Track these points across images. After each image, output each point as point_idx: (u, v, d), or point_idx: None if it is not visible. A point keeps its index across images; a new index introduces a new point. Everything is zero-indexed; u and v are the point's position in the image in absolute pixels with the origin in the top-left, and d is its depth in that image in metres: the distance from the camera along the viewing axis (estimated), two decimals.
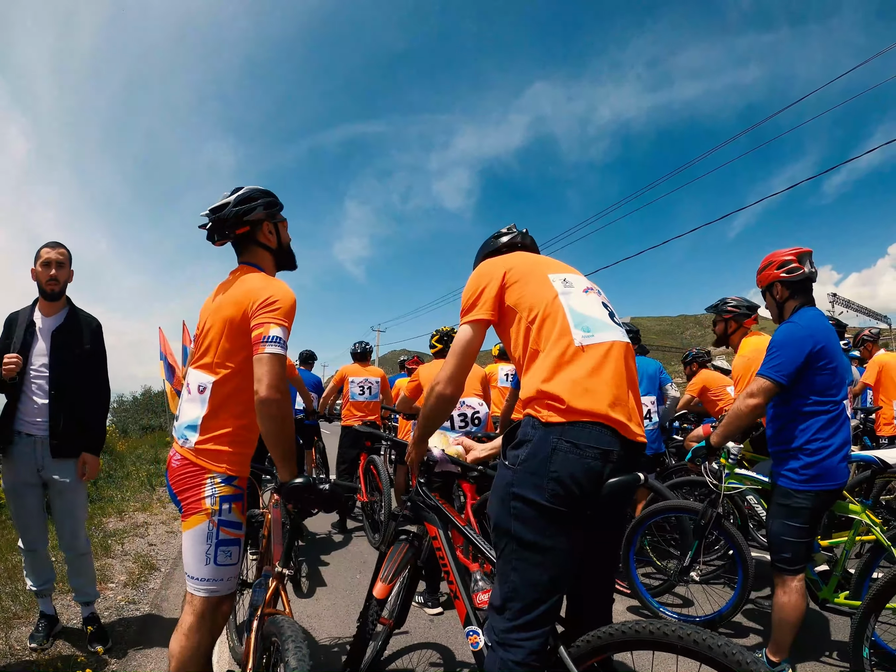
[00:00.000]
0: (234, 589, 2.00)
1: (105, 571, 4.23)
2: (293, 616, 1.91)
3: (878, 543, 2.65)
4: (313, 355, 8.31)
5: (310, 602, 3.80)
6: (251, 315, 1.90)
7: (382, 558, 2.32)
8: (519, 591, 1.53)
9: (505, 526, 1.57)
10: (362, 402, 6.20)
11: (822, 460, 2.52)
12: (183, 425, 1.99)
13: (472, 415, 4.13)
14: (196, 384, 2.01)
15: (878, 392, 5.87)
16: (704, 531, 3.15)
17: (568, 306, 1.72)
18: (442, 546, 2.12)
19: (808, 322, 2.60)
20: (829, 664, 2.88)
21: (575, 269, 1.96)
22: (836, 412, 2.56)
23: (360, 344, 6.62)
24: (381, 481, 4.94)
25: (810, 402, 2.57)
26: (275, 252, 2.21)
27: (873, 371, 5.90)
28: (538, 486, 1.51)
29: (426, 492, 2.27)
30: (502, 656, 1.53)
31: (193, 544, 1.91)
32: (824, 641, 3.13)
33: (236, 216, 2.10)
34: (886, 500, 4.81)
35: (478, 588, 2.03)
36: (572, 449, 1.51)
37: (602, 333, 1.68)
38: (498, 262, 1.92)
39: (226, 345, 1.97)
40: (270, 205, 2.17)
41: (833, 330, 2.66)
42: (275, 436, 1.81)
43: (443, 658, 2.97)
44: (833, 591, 2.77)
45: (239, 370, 1.97)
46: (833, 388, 2.57)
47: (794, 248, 2.75)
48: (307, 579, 4.23)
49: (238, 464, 1.99)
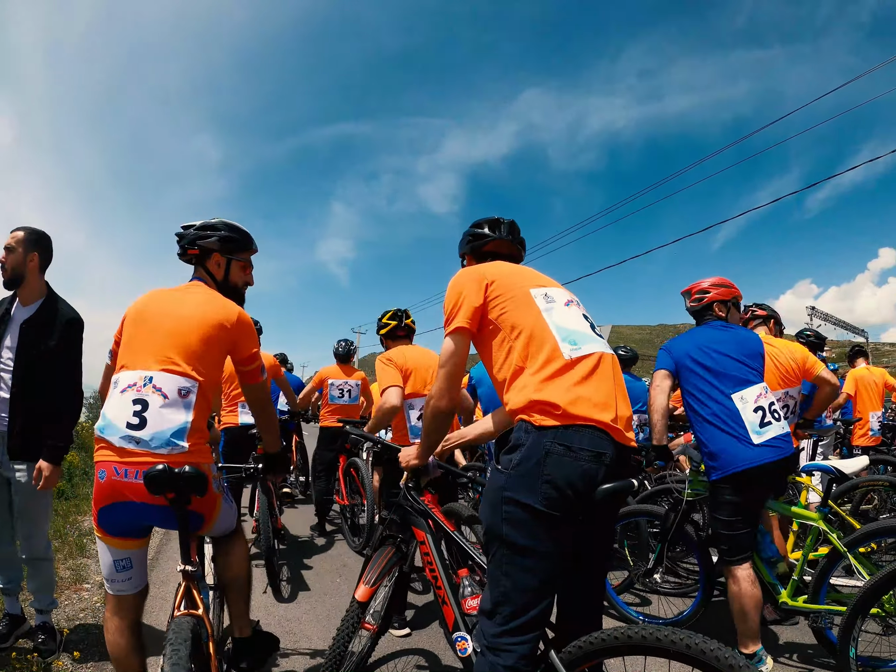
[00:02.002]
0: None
1: (80, 572, 4.18)
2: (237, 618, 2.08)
3: (834, 550, 2.77)
4: (286, 359, 8.44)
5: (290, 606, 3.79)
6: (240, 342, 2.22)
7: (368, 561, 2.30)
8: (510, 596, 1.54)
9: (497, 530, 1.57)
10: (341, 405, 6.08)
11: (715, 452, 2.85)
12: (167, 433, 1.92)
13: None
14: (174, 388, 1.98)
15: (856, 405, 6.16)
16: (667, 535, 3.28)
17: (552, 322, 1.75)
18: (430, 550, 2.12)
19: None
20: (783, 664, 2.98)
21: (554, 282, 1.99)
22: (715, 408, 2.88)
23: (343, 343, 6.42)
24: (362, 484, 4.89)
25: (697, 406, 2.97)
26: (218, 284, 2.38)
27: (851, 383, 6.21)
28: (532, 490, 1.52)
29: (414, 496, 2.27)
30: (492, 661, 1.53)
31: (225, 517, 2.17)
32: (783, 645, 3.24)
33: (192, 237, 2.33)
34: (864, 509, 4.95)
35: (466, 593, 2.03)
36: (566, 452, 1.52)
37: (588, 346, 1.72)
38: (478, 272, 1.91)
39: (207, 352, 2.10)
40: (227, 240, 2.36)
41: (718, 337, 3.03)
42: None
43: (428, 663, 2.98)
44: (792, 595, 2.92)
45: (214, 375, 2.17)
46: (708, 389, 2.92)
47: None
48: (287, 583, 4.21)
49: (210, 452, 2.14)
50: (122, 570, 2.01)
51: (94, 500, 1.96)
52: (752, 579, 2.72)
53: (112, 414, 1.95)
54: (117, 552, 2.00)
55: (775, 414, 2.88)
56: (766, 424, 2.82)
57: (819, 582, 2.81)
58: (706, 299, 3.20)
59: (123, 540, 2.00)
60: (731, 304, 3.22)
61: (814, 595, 2.81)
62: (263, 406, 2.45)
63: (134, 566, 2.03)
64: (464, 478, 2.45)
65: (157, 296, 2.26)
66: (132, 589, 2.05)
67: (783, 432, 2.86)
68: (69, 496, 6.58)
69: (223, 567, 2.29)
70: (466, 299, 1.84)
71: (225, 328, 2.15)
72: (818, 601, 2.79)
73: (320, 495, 5.84)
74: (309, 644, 3.19)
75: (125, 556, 2.01)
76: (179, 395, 1.98)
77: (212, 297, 2.26)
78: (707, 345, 3.00)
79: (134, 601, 2.07)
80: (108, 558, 2.00)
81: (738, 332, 3.13)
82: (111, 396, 2.03)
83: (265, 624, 3.35)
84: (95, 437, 1.98)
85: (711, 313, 3.19)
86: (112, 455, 1.91)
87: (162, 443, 1.91)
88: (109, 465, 1.90)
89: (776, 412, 2.89)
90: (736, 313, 3.28)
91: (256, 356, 2.31)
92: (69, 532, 5.14)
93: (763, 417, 2.82)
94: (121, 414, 1.94)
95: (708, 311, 3.20)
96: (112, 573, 2.01)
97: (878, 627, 2.62)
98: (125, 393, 1.97)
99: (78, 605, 3.58)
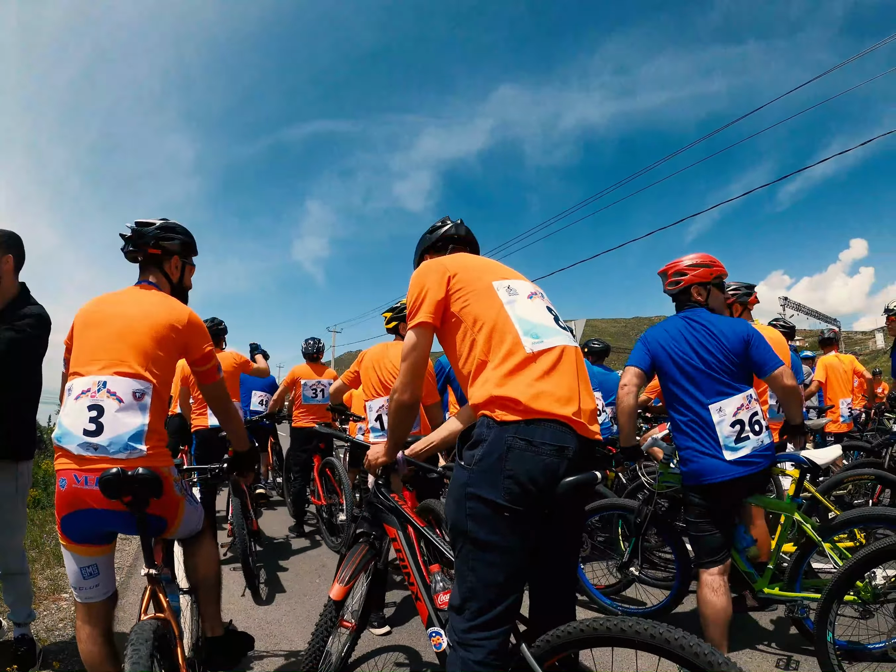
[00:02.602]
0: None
1: (58, 581, 4.13)
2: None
3: (808, 539, 2.79)
4: (257, 347, 8.21)
5: (269, 608, 3.79)
6: (192, 342, 2.24)
7: (342, 560, 2.32)
8: (477, 592, 1.55)
9: (461, 526, 1.58)
10: (315, 405, 6.05)
11: (686, 458, 2.75)
12: (124, 437, 1.93)
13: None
14: (128, 391, 1.99)
15: (826, 392, 6.30)
16: (641, 528, 3.30)
17: (514, 315, 1.73)
18: (402, 547, 2.14)
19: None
20: (763, 652, 3.02)
21: (518, 274, 1.97)
22: (690, 417, 2.75)
23: (311, 342, 6.34)
24: (338, 483, 4.91)
25: (673, 409, 2.84)
26: (173, 286, 2.43)
27: (821, 370, 6.36)
28: (494, 485, 1.52)
29: (385, 493, 2.29)
30: (463, 656, 1.54)
31: (190, 519, 2.17)
32: (759, 631, 3.29)
33: (154, 237, 2.33)
34: (838, 494, 4.97)
35: (439, 588, 2.05)
36: (527, 447, 1.52)
37: (550, 339, 1.71)
38: (440, 265, 1.89)
39: (160, 353, 2.12)
40: (187, 245, 2.43)
41: (692, 336, 2.80)
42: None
43: (409, 660, 3.00)
44: (768, 582, 2.91)
45: (167, 379, 2.17)
46: (684, 395, 2.76)
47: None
48: (265, 585, 4.21)
49: (170, 455, 2.14)
50: (88, 576, 2.01)
51: (56, 508, 1.96)
52: (713, 587, 2.60)
53: (68, 422, 1.95)
54: (83, 559, 2.00)
55: (756, 426, 2.69)
56: (742, 439, 2.65)
57: (794, 570, 2.82)
58: (683, 282, 2.91)
59: (88, 547, 2.00)
60: (713, 285, 2.93)
61: (789, 583, 2.82)
62: (223, 404, 2.45)
63: (101, 573, 2.04)
64: (434, 473, 2.51)
65: (105, 300, 2.26)
66: (100, 596, 2.05)
67: (762, 445, 2.68)
68: (45, 505, 6.51)
69: (192, 568, 2.30)
70: (429, 293, 1.82)
71: (176, 329, 2.17)
72: (794, 589, 2.80)
73: (296, 496, 5.85)
74: (290, 645, 3.19)
75: (91, 562, 2.02)
76: (134, 398, 1.99)
77: (161, 299, 2.27)
78: (684, 343, 2.78)
79: (103, 608, 2.07)
80: (74, 566, 2.00)
81: (719, 323, 2.81)
82: (66, 404, 2.03)
83: (245, 627, 3.37)
84: (54, 445, 1.98)
85: (689, 298, 2.92)
86: (71, 463, 1.91)
87: (120, 447, 1.92)
88: (69, 472, 1.90)
89: (757, 423, 2.70)
90: (718, 295, 2.98)
91: (211, 355, 2.31)
92: (46, 541, 5.09)
93: (741, 432, 2.65)
94: (76, 421, 1.93)
95: (685, 295, 2.93)
96: (79, 580, 2.01)
97: (855, 613, 2.63)
98: (80, 399, 1.96)
99: (56, 615, 3.54)
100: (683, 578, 3.27)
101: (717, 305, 2.97)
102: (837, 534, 2.87)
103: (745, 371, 2.80)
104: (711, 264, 2.92)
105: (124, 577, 4.41)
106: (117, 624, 3.46)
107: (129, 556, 5.00)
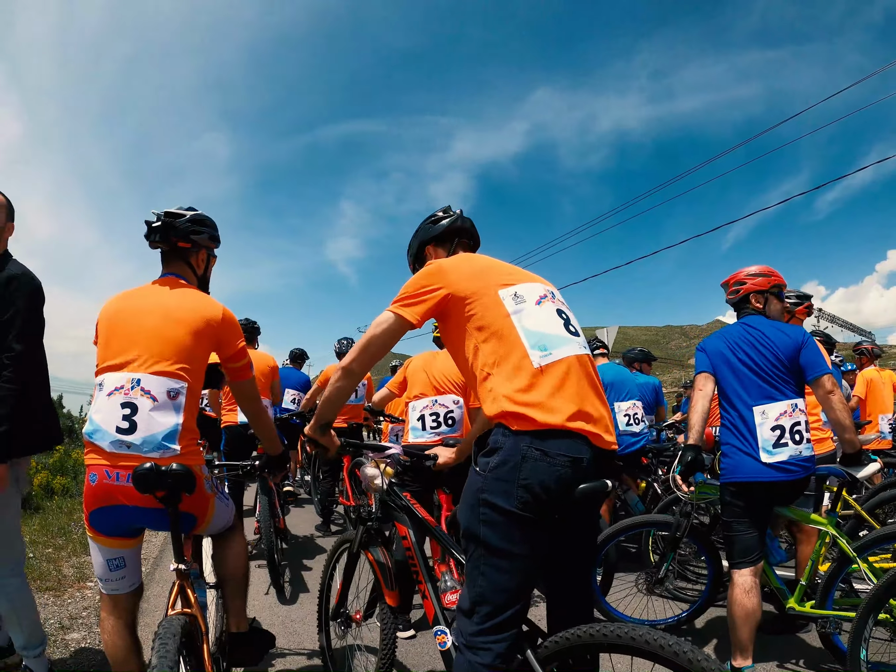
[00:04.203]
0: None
1: (84, 570, 4.20)
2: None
3: (843, 555, 2.73)
4: (304, 354, 8.12)
5: (293, 608, 3.78)
6: (225, 338, 2.20)
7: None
8: (487, 596, 1.56)
9: (474, 531, 1.59)
10: (347, 404, 5.95)
11: (727, 453, 2.83)
12: (158, 436, 1.93)
13: (446, 414, 3.66)
14: (163, 390, 1.97)
15: (866, 407, 6.03)
16: (678, 543, 3.23)
17: (521, 327, 1.69)
18: (411, 546, 2.15)
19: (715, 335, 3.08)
20: (788, 669, 2.94)
21: (525, 274, 1.89)
22: (735, 416, 2.83)
23: (344, 342, 6.35)
24: None
25: (722, 409, 2.94)
26: (198, 279, 2.38)
27: (862, 386, 6.09)
28: (507, 493, 1.53)
29: (397, 492, 2.29)
30: (470, 659, 1.55)
31: (220, 516, 2.17)
32: (789, 647, 3.18)
33: (185, 230, 2.25)
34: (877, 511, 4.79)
35: (446, 588, 2.10)
36: (542, 457, 1.53)
37: (559, 350, 1.67)
38: (450, 269, 1.82)
39: (195, 350, 2.09)
40: (214, 238, 2.38)
41: (746, 340, 2.89)
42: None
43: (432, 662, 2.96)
44: (799, 600, 2.87)
45: (200, 375, 2.14)
46: (733, 396, 2.85)
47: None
48: (290, 584, 4.21)
49: (202, 453, 2.15)
50: (115, 569, 2.00)
51: (84, 502, 1.96)
52: (746, 588, 2.64)
53: (100, 418, 1.93)
54: (110, 551, 2.00)
55: (797, 436, 2.72)
56: (781, 445, 2.69)
57: (827, 587, 2.77)
58: (742, 290, 3.05)
59: (116, 539, 2.00)
60: (770, 293, 3.03)
61: (822, 600, 2.77)
62: (253, 405, 2.42)
63: (127, 565, 2.03)
64: (428, 459, 2.54)
65: (133, 294, 2.22)
66: (126, 588, 2.04)
67: (802, 456, 2.71)
68: (73, 493, 6.60)
69: (220, 563, 2.30)
70: (428, 296, 1.77)
71: (211, 325, 2.14)
72: (826, 606, 2.76)
73: (324, 496, 5.83)
74: (312, 645, 3.16)
75: (118, 555, 2.01)
76: (169, 398, 1.97)
77: (194, 294, 2.24)
78: (738, 347, 2.89)
79: (129, 600, 2.06)
80: (101, 558, 2.00)
81: (774, 329, 2.90)
82: (97, 399, 1.99)
83: (268, 625, 3.34)
84: (84, 440, 1.97)
85: (748, 306, 3.05)
86: (102, 459, 1.91)
87: (153, 447, 1.91)
88: (100, 468, 1.90)
89: (799, 433, 2.73)
90: (777, 304, 3.08)
91: (244, 352, 2.28)
92: (73, 529, 5.15)
93: (780, 437, 2.70)
94: (109, 418, 1.92)
95: (745, 303, 3.06)
96: (105, 572, 2.01)
97: (886, 634, 2.58)
98: (112, 396, 1.94)
99: (81, 603, 3.59)
100: (711, 594, 3.22)
101: (775, 313, 3.07)
102: (873, 550, 2.79)
103: (796, 378, 2.84)
104: (770, 274, 3.04)
105: (150, 568, 4.45)
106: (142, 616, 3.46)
107: (155, 547, 5.03)
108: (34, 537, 4.86)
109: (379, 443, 2.42)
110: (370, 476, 2.31)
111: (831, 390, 2.74)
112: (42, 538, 4.88)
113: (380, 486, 2.29)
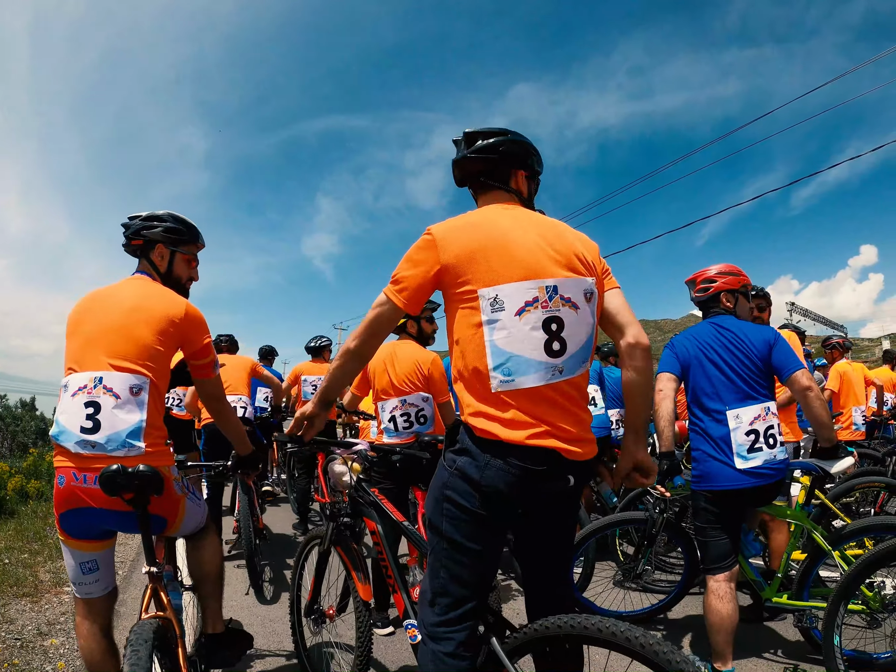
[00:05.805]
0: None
1: (60, 575, 4.14)
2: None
3: (817, 547, 2.78)
4: (273, 351, 8.04)
5: (272, 607, 3.77)
6: (190, 335, 2.18)
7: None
8: (447, 588, 1.59)
9: (437, 524, 1.61)
10: None
11: (699, 459, 2.79)
12: (122, 434, 1.92)
13: (417, 413, 3.58)
14: (125, 386, 1.97)
15: (839, 399, 6.18)
16: (654, 538, 3.29)
17: (490, 341, 1.56)
18: (380, 541, 2.18)
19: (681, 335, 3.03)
20: (769, 660, 2.99)
21: (528, 265, 1.60)
22: (708, 421, 2.78)
23: (316, 339, 6.35)
24: None
25: (692, 412, 2.88)
26: (161, 276, 2.35)
27: (836, 379, 6.24)
28: (469, 494, 1.54)
29: (365, 488, 2.33)
30: (433, 648, 1.57)
31: (192, 517, 2.15)
32: (767, 639, 3.24)
33: (136, 227, 2.31)
34: (846, 501, 4.88)
35: (416, 581, 2.13)
36: (504, 466, 1.52)
37: (525, 378, 1.54)
38: (443, 244, 1.62)
39: (157, 346, 2.07)
40: (173, 231, 2.33)
41: (718, 341, 2.85)
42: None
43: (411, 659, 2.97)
44: (776, 591, 2.91)
45: (164, 373, 2.13)
46: (706, 399, 2.80)
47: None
48: (270, 584, 4.19)
49: (171, 454, 2.12)
50: (88, 572, 1.99)
51: (54, 504, 1.95)
52: (719, 594, 2.61)
53: (65, 419, 1.93)
54: (82, 555, 1.99)
55: (770, 440, 2.70)
56: (755, 450, 2.67)
57: (803, 579, 2.82)
58: (712, 289, 2.99)
59: (87, 542, 1.99)
60: (740, 293, 3.01)
61: (798, 592, 2.82)
62: (217, 404, 2.40)
63: (100, 568, 2.02)
64: (395, 454, 2.56)
65: (97, 294, 2.22)
66: (100, 591, 2.03)
67: (775, 460, 2.70)
68: (48, 497, 6.52)
69: (195, 564, 2.29)
70: (424, 282, 1.64)
71: (174, 322, 2.13)
72: (802, 598, 2.80)
73: (301, 494, 5.83)
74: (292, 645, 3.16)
75: (90, 558, 2.00)
76: (131, 394, 1.96)
77: (156, 290, 2.23)
78: (710, 348, 2.83)
79: (103, 604, 2.05)
80: (73, 561, 1.99)
81: (746, 329, 2.87)
82: (62, 400, 1.98)
83: (248, 625, 3.35)
84: (53, 442, 1.96)
85: (718, 305, 2.99)
86: (69, 461, 1.90)
87: (118, 444, 1.91)
88: (68, 470, 1.89)
89: (772, 437, 2.71)
90: (745, 303, 3.07)
91: (208, 349, 2.26)
92: (48, 534, 5.10)
93: (755, 442, 2.67)
94: (73, 419, 1.92)
95: (714, 302, 3.00)
96: (78, 576, 2.00)
97: (863, 622, 2.63)
98: (76, 396, 1.94)
99: (58, 608, 3.55)
100: (686, 583, 3.30)
101: (744, 313, 3.05)
102: (847, 542, 2.84)
103: (768, 380, 2.83)
104: (739, 273, 3.03)
105: (126, 571, 4.41)
106: (119, 620, 3.45)
107: (131, 550, 5.00)
108: (9, 543, 4.79)
109: (346, 439, 2.45)
110: (338, 473, 2.34)
111: (808, 386, 2.70)
112: (17, 543, 4.81)
113: (348, 482, 2.32)
